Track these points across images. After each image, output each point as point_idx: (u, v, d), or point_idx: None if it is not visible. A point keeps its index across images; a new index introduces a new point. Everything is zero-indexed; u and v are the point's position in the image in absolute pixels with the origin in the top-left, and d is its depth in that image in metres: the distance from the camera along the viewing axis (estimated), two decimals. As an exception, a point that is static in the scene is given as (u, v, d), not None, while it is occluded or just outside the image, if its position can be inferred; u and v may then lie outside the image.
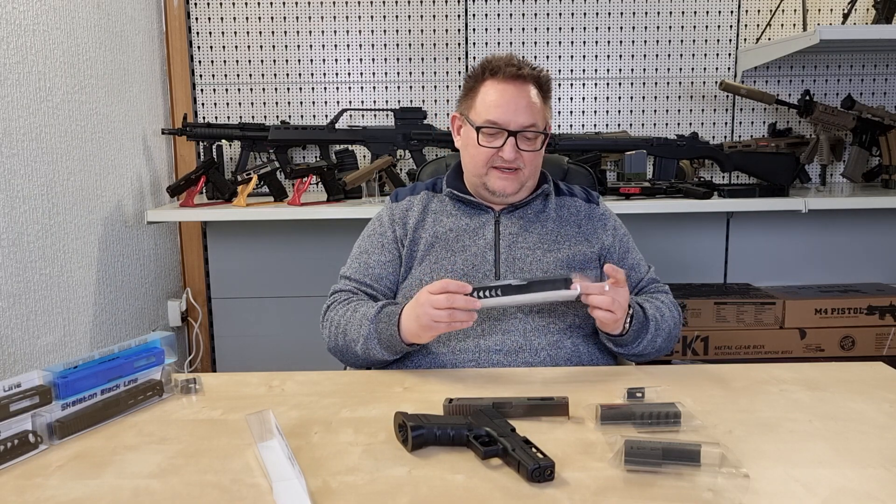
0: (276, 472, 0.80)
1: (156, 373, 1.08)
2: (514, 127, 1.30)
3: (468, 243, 1.35)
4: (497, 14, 2.57)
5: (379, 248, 1.40)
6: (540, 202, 1.42)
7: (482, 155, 1.33)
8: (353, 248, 1.45)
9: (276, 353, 2.64)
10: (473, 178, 1.38)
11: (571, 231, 1.39)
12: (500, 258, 1.34)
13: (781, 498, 0.77)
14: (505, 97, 1.31)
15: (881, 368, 1.20)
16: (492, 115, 1.31)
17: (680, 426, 0.94)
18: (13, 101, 1.64)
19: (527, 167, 1.34)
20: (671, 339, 1.32)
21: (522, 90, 1.32)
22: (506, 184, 1.34)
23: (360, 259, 1.41)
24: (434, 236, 1.37)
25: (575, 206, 1.43)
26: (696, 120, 2.64)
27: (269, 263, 2.62)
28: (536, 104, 1.33)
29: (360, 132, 2.37)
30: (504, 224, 1.38)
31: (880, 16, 2.32)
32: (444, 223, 1.38)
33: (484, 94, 1.33)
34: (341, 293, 1.37)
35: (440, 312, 1.11)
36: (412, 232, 1.39)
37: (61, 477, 0.84)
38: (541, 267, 1.33)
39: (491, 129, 1.31)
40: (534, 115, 1.32)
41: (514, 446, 0.84)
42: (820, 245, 2.70)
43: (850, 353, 2.36)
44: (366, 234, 1.45)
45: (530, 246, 1.35)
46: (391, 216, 1.43)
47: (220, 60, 2.56)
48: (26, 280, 1.69)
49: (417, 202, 1.43)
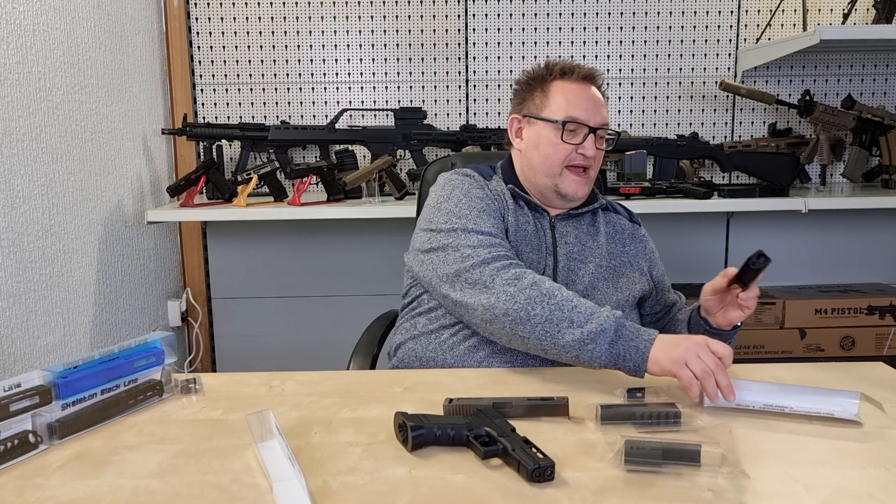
0: (276, 472, 0.80)
1: (156, 373, 1.08)
2: (594, 124, 1.31)
3: (539, 242, 1.33)
4: (497, 14, 2.57)
5: (500, 218, 1.29)
6: (590, 216, 1.41)
7: (560, 153, 1.32)
8: (459, 207, 1.27)
9: (276, 353, 2.64)
10: (544, 179, 1.34)
11: (619, 249, 1.39)
12: (559, 266, 1.33)
13: (781, 498, 0.77)
14: (583, 96, 1.32)
15: (881, 368, 1.20)
16: (574, 112, 1.31)
17: (680, 426, 0.94)
18: (13, 101, 1.64)
19: (594, 169, 1.35)
20: None
21: (595, 91, 1.35)
22: (578, 187, 1.33)
23: (489, 221, 1.25)
24: (518, 226, 1.32)
25: (620, 225, 1.44)
26: (696, 120, 2.64)
27: (269, 263, 2.62)
28: (605, 107, 1.36)
29: (360, 132, 2.37)
30: (560, 231, 1.36)
31: (880, 16, 2.32)
32: (523, 215, 1.35)
33: (559, 92, 1.33)
34: (502, 248, 1.21)
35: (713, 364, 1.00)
36: (508, 216, 1.32)
37: (61, 477, 0.84)
38: (593, 284, 1.31)
39: (573, 124, 1.31)
40: (606, 116, 1.35)
41: (514, 446, 0.84)
42: (820, 245, 2.70)
43: (850, 353, 2.36)
44: (472, 195, 1.30)
45: (584, 259, 1.34)
46: (490, 191, 1.33)
47: (220, 60, 2.56)
48: (26, 280, 1.69)
49: (498, 186, 1.36)
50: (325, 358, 2.54)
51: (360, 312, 1.90)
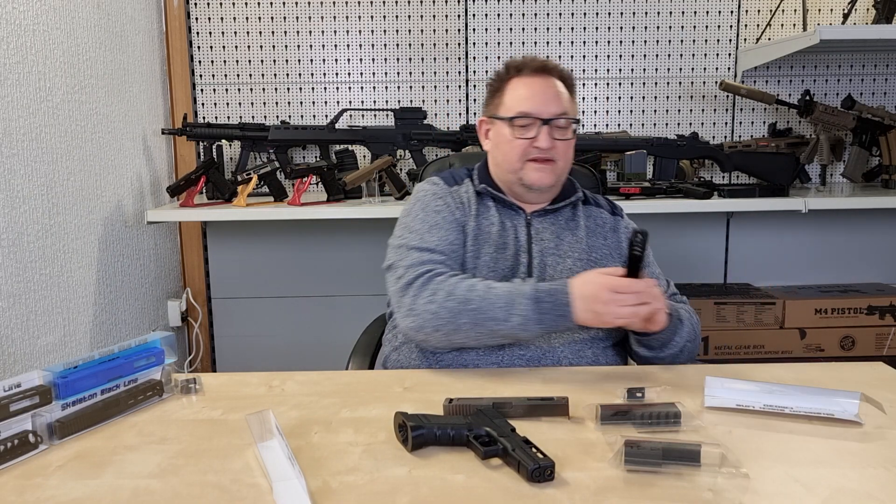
0: (276, 472, 0.80)
1: (156, 373, 1.08)
2: (546, 115, 1.32)
3: (508, 242, 1.34)
4: (497, 14, 2.57)
5: (455, 227, 1.32)
6: (569, 210, 1.41)
7: (517, 149, 1.33)
8: (413, 222, 1.33)
9: (276, 353, 2.64)
10: (508, 175, 1.37)
11: (599, 242, 1.39)
12: (533, 262, 1.33)
13: (781, 498, 0.77)
14: (533, 89, 1.33)
15: (881, 368, 1.19)
16: (523, 107, 1.32)
17: (680, 426, 0.94)
18: (13, 101, 1.64)
19: (561, 159, 1.35)
20: (696, 343, 1.32)
21: (549, 82, 1.35)
22: (542, 175, 1.33)
23: (437, 234, 1.30)
24: (480, 229, 1.34)
25: (601, 217, 1.43)
26: (696, 120, 2.64)
27: (269, 263, 2.62)
28: (564, 94, 1.36)
29: (360, 132, 2.37)
30: (535, 228, 1.37)
31: (880, 16, 2.32)
32: (488, 217, 1.36)
33: (512, 90, 1.35)
34: (433, 265, 1.25)
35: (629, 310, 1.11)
36: (470, 221, 1.34)
37: (61, 477, 0.84)
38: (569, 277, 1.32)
39: (523, 119, 1.32)
40: (563, 105, 1.34)
41: (514, 446, 0.84)
42: (820, 245, 2.70)
43: (850, 353, 2.36)
44: (429, 209, 1.34)
45: (561, 254, 1.34)
46: (453, 199, 1.37)
47: (220, 60, 2.56)
48: (26, 280, 1.69)
49: (465, 191, 1.39)
50: (325, 358, 2.54)
51: (359, 312, 1.90)
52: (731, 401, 1.01)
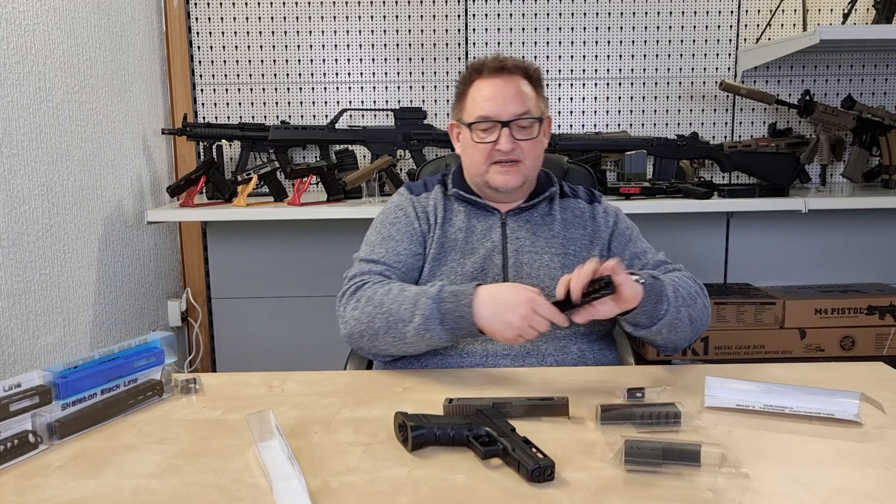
0: (276, 472, 0.80)
1: (156, 373, 1.08)
2: (507, 117, 1.29)
3: (476, 245, 1.34)
4: (497, 14, 2.57)
5: (408, 237, 1.35)
6: (545, 205, 1.40)
7: (480, 153, 1.33)
8: (371, 235, 1.38)
9: (276, 353, 2.64)
10: (476, 178, 1.37)
11: (577, 234, 1.38)
12: (508, 262, 1.33)
13: (781, 498, 0.77)
14: (493, 90, 1.31)
15: (881, 368, 1.19)
16: (482, 111, 1.30)
17: (680, 426, 0.94)
18: (13, 101, 1.64)
19: (527, 158, 1.33)
20: (699, 309, 1.24)
21: (509, 81, 1.32)
22: (507, 177, 1.32)
23: (387, 245, 1.33)
24: (445, 236, 1.35)
25: (579, 209, 1.41)
26: (696, 120, 2.64)
27: (269, 263, 2.62)
28: (526, 93, 1.32)
29: (360, 132, 2.37)
30: (511, 227, 1.37)
31: (880, 16, 2.32)
32: (454, 223, 1.37)
33: (473, 93, 1.34)
34: (370, 275, 1.27)
35: (528, 331, 1.08)
36: (433, 230, 1.36)
37: (61, 477, 0.84)
38: (549, 274, 1.32)
39: (484, 123, 1.31)
40: (525, 104, 1.31)
41: (513, 446, 0.84)
42: (820, 245, 2.70)
43: (850, 353, 2.36)
44: (387, 221, 1.38)
45: (538, 251, 1.34)
46: (414, 208, 1.39)
47: (220, 60, 2.56)
48: (26, 280, 1.69)
49: (433, 198, 1.40)
50: (325, 358, 2.53)
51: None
52: (731, 401, 1.01)
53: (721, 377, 1.03)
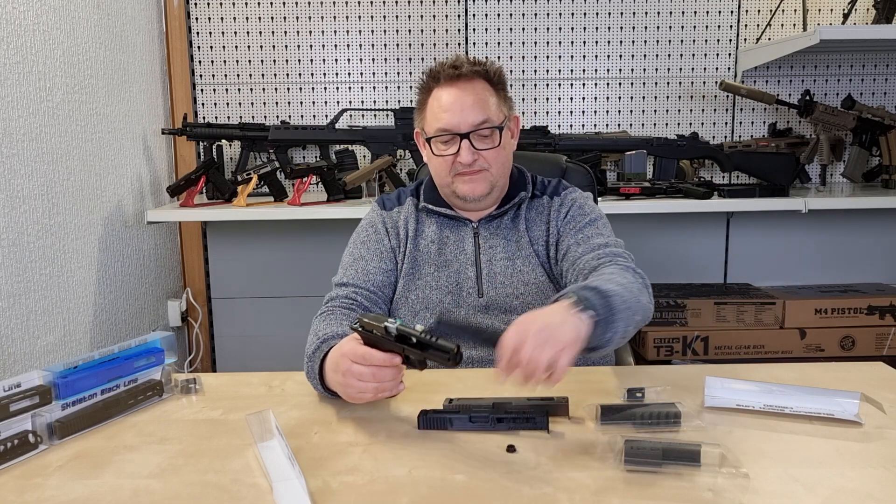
0: (276, 472, 0.80)
1: (156, 373, 1.08)
2: (465, 128, 1.25)
3: (451, 258, 1.33)
4: (497, 14, 2.57)
5: (378, 255, 1.34)
6: (515, 209, 1.37)
7: (443, 165, 1.30)
8: (345, 257, 1.38)
9: (276, 353, 2.64)
10: (443, 189, 1.34)
11: (538, 232, 1.34)
12: (482, 273, 1.32)
13: (781, 498, 0.77)
14: (450, 101, 1.26)
15: (881, 368, 1.19)
16: (440, 123, 1.26)
17: (680, 426, 0.94)
18: (13, 101, 1.64)
19: (492, 166, 1.29)
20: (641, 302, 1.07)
21: (466, 89, 1.27)
22: (473, 186, 1.29)
23: (357, 266, 1.33)
24: (418, 250, 1.34)
25: (542, 205, 1.37)
26: (696, 120, 2.64)
27: (269, 263, 2.62)
28: (486, 99, 1.28)
29: (360, 132, 2.37)
30: (483, 236, 1.35)
31: (880, 16, 2.32)
32: (426, 235, 1.36)
33: (431, 103, 1.29)
34: (334, 301, 1.28)
35: (366, 385, 0.95)
36: (405, 244, 1.35)
37: (61, 477, 0.84)
38: (522, 279, 1.30)
39: (443, 136, 1.27)
40: (484, 111, 1.26)
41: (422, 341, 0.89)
42: (820, 245, 2.70)
43: (850, 353, 2.36)
44: (358, 241, 1.38)
45: (510, 256, 1.32)
46: (384, 225, 1.38)
47: (220, 60, 2.56)
48: (26, 280, 1.69)
49: (405, 212, 1.39)
50: (325, 358, 2.53)
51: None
52: (731, 401, 1.01)
53: (721, 377, 1.03)
